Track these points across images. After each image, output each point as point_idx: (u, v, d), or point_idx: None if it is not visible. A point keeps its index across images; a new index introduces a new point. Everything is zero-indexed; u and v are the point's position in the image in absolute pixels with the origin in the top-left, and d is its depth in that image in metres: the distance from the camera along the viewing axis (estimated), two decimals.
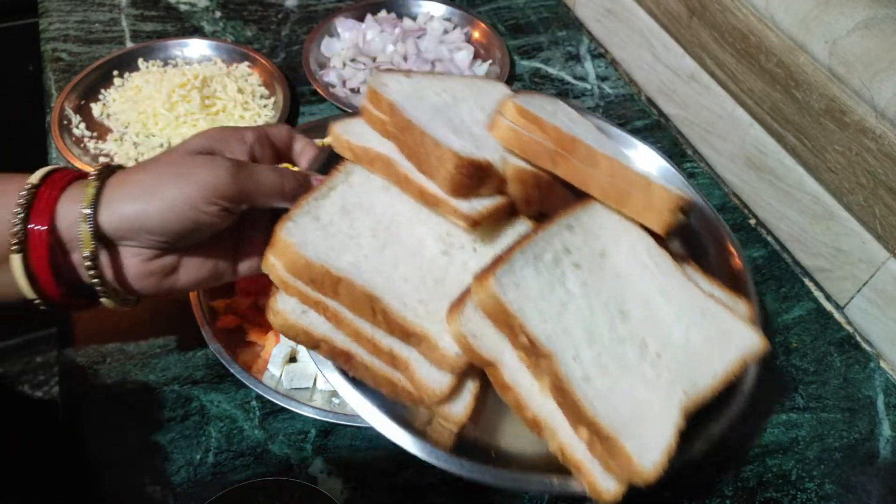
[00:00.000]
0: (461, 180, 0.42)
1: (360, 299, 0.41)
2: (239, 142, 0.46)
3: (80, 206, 0.41)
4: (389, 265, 0.42)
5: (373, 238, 0.43)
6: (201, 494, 0.48)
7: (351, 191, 0.46)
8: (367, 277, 0.41)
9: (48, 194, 0.42)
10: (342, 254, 0.42)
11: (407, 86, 0.49)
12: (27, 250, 0.41)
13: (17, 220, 0.40)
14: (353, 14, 0.89)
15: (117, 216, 0.42)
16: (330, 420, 0.51)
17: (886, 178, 0.57)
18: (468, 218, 0.43)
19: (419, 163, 0.45)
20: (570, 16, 0.97)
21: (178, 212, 0.42)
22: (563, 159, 0.46)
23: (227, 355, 0.53)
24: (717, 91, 0.75)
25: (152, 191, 0.42)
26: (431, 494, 0.50)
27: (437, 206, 0.44)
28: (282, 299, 0.43)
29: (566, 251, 0.44)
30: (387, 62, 0.84)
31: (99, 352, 0.56)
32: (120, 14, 0.89)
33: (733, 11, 0.69)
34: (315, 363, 0.44)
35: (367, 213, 0.45)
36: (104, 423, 0.53)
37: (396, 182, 0.46)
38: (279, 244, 0.42)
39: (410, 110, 0.45)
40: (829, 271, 0.67)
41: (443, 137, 0.43)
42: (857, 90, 0.58)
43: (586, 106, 0.83)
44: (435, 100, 0.49)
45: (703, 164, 0.78)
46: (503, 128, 0.47)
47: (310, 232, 0.42)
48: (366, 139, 0.47)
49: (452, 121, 0.47)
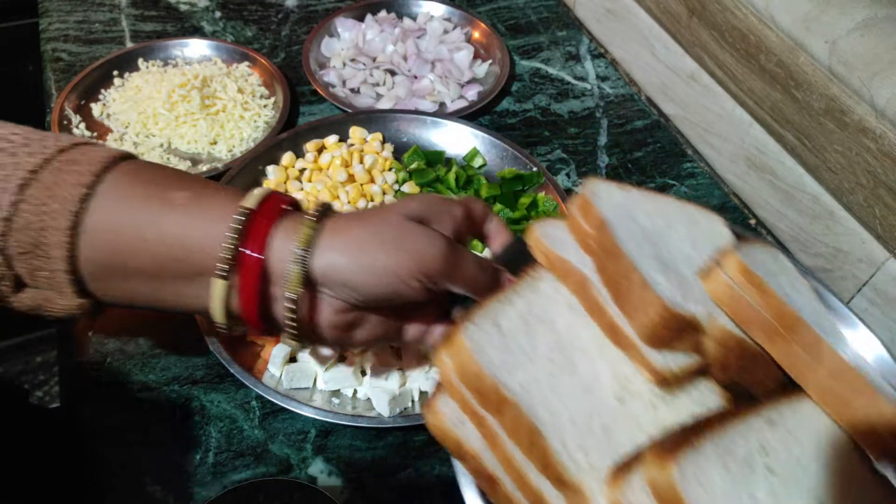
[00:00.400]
0: (662, 333, 0.39)
1: (521, 428, 0.37)
2: (449, 215, 0.45)
3: (294, 245, 0.40)
4: (559, 398, 0.39)
5: (548, 361, 0.40)
6: (201, 494, 0.48)
7: (537, 301, 0.42)
8: (534, 406, 0.38)
9: (264, 223, 0.41)
10: (515, 371, 0.39)
11: (619, 200, 0.45)
12: (236, 274, 0.40)
13: (229, 243, 0.40)
14: (353, 14, 0.89)
15: (327, 265, 0.41)
16: (330, 420, 0.51)
17: (886, 178, 0.57)
18: (659, 374, 0.39)
19: (618, 295, 0.40)
20: (570, 16, 0.97)
21: (385, 279, 0.41)
22: (781, 339, 0.40)
23: (227, 355, 0.53)
24: (717, 91, 0.75)
25: (367, 250, 0.41)
26: (431, 494, 0.50)
27: (626, 349, 0.40)
28: (444, 401, 0.40)
29: (762, 450, 0.38)
30: (387, 62, 0.84)
31: (99, 352, 0.56)
32: (120, 14, 0.89)
33: (733, 11, 0.69)
34: (457, 474, 0.42)
35: (549, 330, 0.41)
36: (104, 423, 0.53)
37: (587, 307, 0.42)
38: (456, 345, 0.39)
39: (620, 233, 0.41)
40: (829, 271, 0.67)
41: (651, 277, 0.39)
42: (857, 90, 0.58)
43: (586, 106, 0.83)
44: (645, 223, 0.44)
45: (703, 164, 0.78)
46: (720, 283, 0.41)
47: (488, 339, 0.39)
48: (565, 248, 0.43)
49: (661, 254, 0.43)
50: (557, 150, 0.78)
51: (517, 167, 0.70)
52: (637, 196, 0.46)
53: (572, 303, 0.43)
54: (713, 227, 0.47)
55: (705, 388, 0.41)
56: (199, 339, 0.54)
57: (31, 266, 0.40)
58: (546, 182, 0.68)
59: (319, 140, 0.71)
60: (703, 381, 0.41)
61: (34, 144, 0.41)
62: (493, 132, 0.73)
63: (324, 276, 0.41)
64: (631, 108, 0.84)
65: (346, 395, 0.54)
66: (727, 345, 0.40)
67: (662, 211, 0.46)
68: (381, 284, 0.41)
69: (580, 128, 0.81)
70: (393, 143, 0.73)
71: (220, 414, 0.53)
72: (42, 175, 0.40)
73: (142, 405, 0.54)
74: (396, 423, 0.52)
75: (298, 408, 0.51)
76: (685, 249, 0.44)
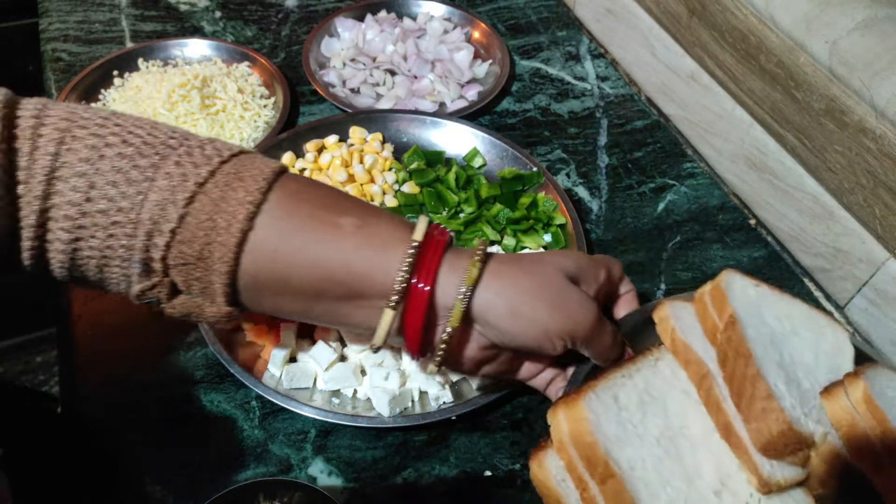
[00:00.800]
0: (779, 445, 0.40)
1: (621, 502, 0.39)
2: (594, 277, 0.47)
3: (460, 283, 0.42)
4: (661, 481, 0.40)
5: (657, 443, 0.41)
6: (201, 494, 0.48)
7: (654, 381, 0.44)
8: (636, 485, 0.39)
9: (431, 258, 0.43)
10: (624, 447, 0.40)
11: (752, 297, 0.46)
12: (403, 303, 0.42)
13: (402, 277, 0.41)
14: (353, 14, 0.89)
15: (486, 307, 0.43)
16: (330, 420, 0.51)
17: (886, 178, 0.57)
18: (766, 483, 0.40)
19: (740, 396, 0.41)
20: (570, 16, 0.97)
21: (535, 332, 0.43)
22: (888, 469, 0.40)
23: (228, 356, 0.53)
24: (717, 91, 0.75)
25: (527, 301, 0.43)
26: (431, 494, 0.50)
27: (736, 450, 0.41)
28: (552, 457, 0.42)
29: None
30: (387, 62, 0.84)
31: (99, 352, 0.56)
32: (120, 14, 0.89)
33: (733, 11, 0.69)
34: None
35: (661, 411, 0.43)
36: (104, 423, 0.53)
37: (704, 399, 0.43)
38: (576, 411, 0.41)
39: (750, 333, 0.42)
40: (828, 271, 0.67)
41: (776, 388, 0.41)
42: (857, 90, 0.58)
43: (586, 106, 0.83)
44: (773, 325, 0.45)
45: (703, 164, 0.78)
46: (842, 408, 0.41)
47: (605, 412, 0.41)
48: (691, 335, 0.44)
49: (784, 360, 0.44)
50: (557, 150, 0.78)
51: (517, 167, 0.70)
52: (768, 294, 0.47)
53: (688, 390, 0.44)
54: (838, 342, 0.47)
55: (799, 496, 0.42)
56: (199, 339, 0.54)
57: (188, 276, 0.42)
58: (546, 182, 0.68)
59: (319, 140, 0.71)
60: (799, 488, 0.42)
61: (196, 153, 0.42)
62: (493, 132, 0.73)
63: (480, 316, 0.43)
64: (631, 108, 0.84)
65: (346, 395, 0.54)
66: (833, 465, 0.41)
67: (790, 314, 0.47)
68: (530, 336, 0.43)
69: (580, 128, 0.81)
70: (393, 143, 0.73)
71: (220, 414, 0.53)
72: (208, 188, 0.41)
73: (142, 405, 0.54)
74: (396, 423, 0.52)
75: (298, 408, 0.51)
76: (807, 359, 0.45)
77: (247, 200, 0.41)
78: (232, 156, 0.42)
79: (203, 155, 0.42)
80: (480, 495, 0.51)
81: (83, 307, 0.59)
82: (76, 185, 0.39)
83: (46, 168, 0.39)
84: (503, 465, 0.52)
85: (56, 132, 0.40)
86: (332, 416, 0.51)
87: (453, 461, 0.52)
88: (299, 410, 0.51)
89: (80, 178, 0.39)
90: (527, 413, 0.55)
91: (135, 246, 0.40)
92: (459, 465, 0.52)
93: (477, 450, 0.53)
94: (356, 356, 0.56)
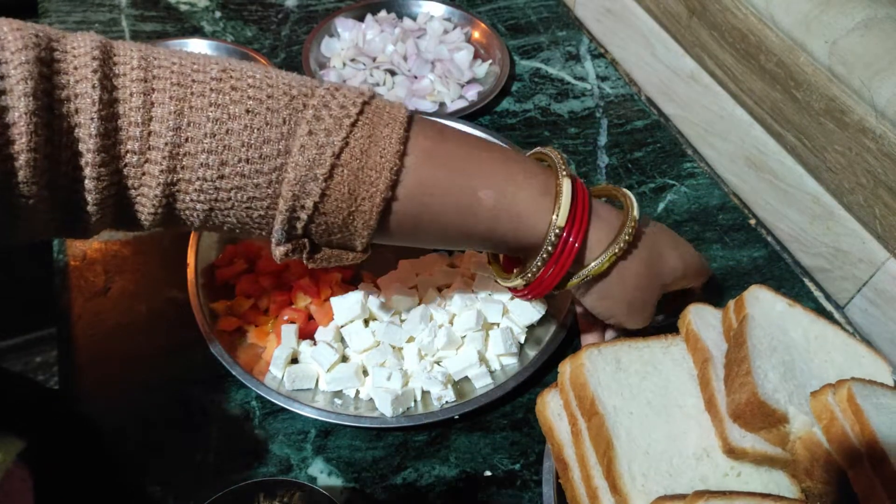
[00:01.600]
0: (745, 413, 0.43)
1: (601, 438, 0.43)
2: (687, 282, 0.54)
3: (612, 249, 0.46)
4: (643, 431, 0.44)
5: (647, 404, 0.45)
6: (201, 494, 0.48)
7: (662, 359, 0.48)
8: (617, 427, 0.43)
9: (570, 249, 0.46)
10: (614, 396, 0.45)
11: (778, 310, 0.50)
12: (554, 252, 0.46)
13: (537, 266, 0.46)
14: (353, 14, 0.89)
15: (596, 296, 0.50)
16: (330, 420, 0.51)
17: (886, 178, 0.57)
18: (728, 444, 0.43)
19: (728, 375, 0.46)
20: (569, 16, 0.97)
21: (610, 319, 0.51)
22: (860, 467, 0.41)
23: (229, 357, 0.53)
24: (717, 91, 0.75)
25: (618, 300, 0.50)
26: (431, 494, 0.51)
27: (713, 418, 0.45)
28: (554, 395, 0.48)
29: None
30: (387, 62, 0.84)
31: (99, 352, 0.56)
32: (120, 14, 0.89)
33: (733, 11, 0.69)
34: (545, 453, 0.49)
35: (662, 383, 0.47)
36: (104, 422, 0.53)
37: (700, 379, 0.47)
38: (577, 359, 0.47)
39: (755, 330, 0.46)
40: (828, 271, 0.67)
41: (759, 368, 0.44)
42: (857, 90, 0.58)
43: (586, 106, 0.83)
44: (796, 337, 0.49)
45: (703, 164, 0.78)
46: (822, 402, 0.44)
47: (604, 365, 0.46)
48: (705, 329, 0.49)
49: (795, 364, 0.46)
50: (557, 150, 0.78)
51: None
52: (801, 315, 0.50)
53: (694, 374, 0.48)
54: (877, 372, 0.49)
55: (781, 478, 0.44)
56: (199, 339, 0.54)
57: (330, 238, 0.44)
58: None
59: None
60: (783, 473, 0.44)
61: (324, 116, 0.40)
62: (493, 132, 0.73)
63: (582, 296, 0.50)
64: (631, 108, 0.84)
65: (348, 395, 0.54)
66: (815, 455, 0.43)
67: (824, 335, 0.50)
68: (605, 317, 0.51)
69: (580, 128, 0.81)
70: None
71: (221, 414, 0.53)
72: (345, 159, 0.40)
73: (142, 405, 0.54)
74: (399, 422, 0.52)
75: (299, 408, 0.51)
76: (823, 372, 0.47)
77: (385, 167, 0.41)
78: (358, 113, 0.41)
79: (332, 117, 0.40)
80: (480, 495, 0.51)
81: (83, 307, 0.59)
82: (207, 162, 0.38)
83: (169, 143, 0.37)
84: (503, 465, 0.52)
85: (173, 102, 0.37)
86: (333, 417, 0.51)
87: (453, 461, 0.52)
88: (300, 411, 0.51)
89: (210, 155, 0.38)
90: (527, 413, 0.55)
91: (275, 216, 0.41)
92: (459, 465, 0.52)
93: (477, 450, 0.53)
94: (358, 357, 0.56)
